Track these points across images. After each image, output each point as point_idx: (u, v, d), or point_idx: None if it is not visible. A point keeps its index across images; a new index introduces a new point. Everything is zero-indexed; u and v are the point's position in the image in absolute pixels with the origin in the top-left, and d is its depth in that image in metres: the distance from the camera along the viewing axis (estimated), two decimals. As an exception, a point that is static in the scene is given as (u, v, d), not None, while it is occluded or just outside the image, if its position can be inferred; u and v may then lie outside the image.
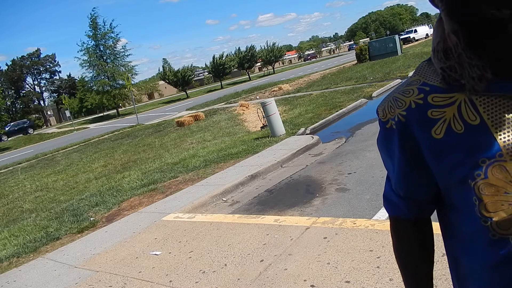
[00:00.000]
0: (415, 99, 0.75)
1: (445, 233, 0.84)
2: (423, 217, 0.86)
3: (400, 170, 0.81)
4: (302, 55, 59.21)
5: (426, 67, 0.79)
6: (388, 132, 0.82)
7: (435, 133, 0.73)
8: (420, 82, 0.77)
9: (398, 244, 0.91)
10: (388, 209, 0.89)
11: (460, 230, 0.77)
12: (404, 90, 0.78)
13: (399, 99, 0.78)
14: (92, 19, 36.50)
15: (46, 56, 63.55)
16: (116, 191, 6.80)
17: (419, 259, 0.88)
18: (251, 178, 5.86)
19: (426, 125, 0.74)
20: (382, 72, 16.01)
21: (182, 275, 3.33)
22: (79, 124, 37.31)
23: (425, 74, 0.78)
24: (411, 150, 0.77)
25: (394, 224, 0.90)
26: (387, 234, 3.18)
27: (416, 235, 0.87)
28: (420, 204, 0.83)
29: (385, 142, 0.85)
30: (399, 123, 0.78)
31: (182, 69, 42.47)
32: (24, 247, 5.00)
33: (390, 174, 0.87)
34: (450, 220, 0.80)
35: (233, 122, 12.50)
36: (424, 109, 0.74)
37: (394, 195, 0.85)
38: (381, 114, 0.83)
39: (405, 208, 0.84)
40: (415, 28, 46.15)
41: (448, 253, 0.85)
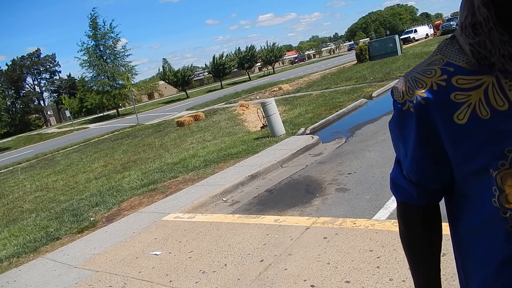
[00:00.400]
0: (437, 80, 0.69)
1: (453, 223, 0.81)
2: (432, 203, 0.83)
3: (415, 155, 0.76)
4: (288, 58, 56.42)
5: (450, 46, 0.73)
6: (404, 115, 0.75)
7: (458, 118, 0.67)
8: (443, 61, 0.71)
9: (405, 230, 0.88)
10: (396, 194, 0.86)
11: (471, 223, 0.74)
12: (425, 69, 0.72)
13: (419, 80, 0.71)
14: (92, 19, 36.57)
15: (46, 56, 63.61)
16: (116, 191, 6.81)
17: (426, 245, 0.85)
18: (251, 178, 5.86)
19: (448, 109, 0.68)
20: (382, 72, 16.01)
21: (182, 275, 3.33)
22: (79, 124, 37.32)
23: (448, 53, 0.72)
24: (428, 135, 0.72)
25: (402, 210, 0.86)
26: (387, 234, 3.18)
27: (424, 221, 0.84)
28: (432, 191, 0.80)
29: (399, 125, 0.78)
30: (418, 106, 0.71)
31: (182, 69, 42.47)
32: (24, 247, 5.00)
33: (401, 159, 0.82)
34: (461, 209, 0.77)
35: (233, 122, 12.50)
36: (447, 91, 0.68)
37: (405, 181, 0.81)
38: (397, 95, 0.76)
39: (415, 194, 0.81)
40: (415, 28, 46.12)
41: (454, 242, 0.82)
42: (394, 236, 3.13)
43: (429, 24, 51.49)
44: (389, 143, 6.39)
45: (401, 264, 2.71)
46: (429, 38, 41.96)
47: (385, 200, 4.00)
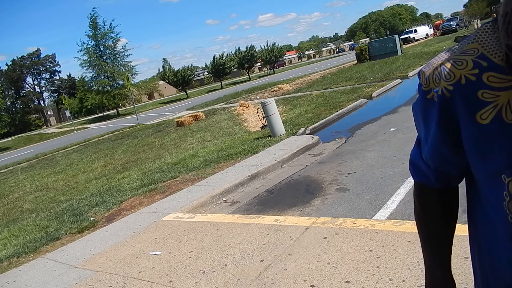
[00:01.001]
0: (467, 74, 0.65)
1: (470, 216, 0.80)
2: (450, 186, 0.82)
3: (434, 144, 0.74)
4: (266, 62, 49.52)
5: (490, 33, 0.66)
6: (428, 103, 0.72)
7: (481, 117, 0.64)
8: (477, 52, 0.65)
9: (420, 210, 0.87)
10: (414, 175, 0.85)
11: (485, 216, 0.73)
12: (456, 59, 0.67)
13: (448, 70, 0.67)
14: (92, 19, 36.55)
15: (46, 56, 63.62)
16: (116, 191, 6.80)
17: (441, 226, 0.84)
18: (251, 178, 5.86)
19: (473, 106, 0.65)
20: (382, 72, 16.01)
21: (182, 275, 3.33)
22: (79, 124, 37.32)
23: (486, 42, 0.66)
24: (449, 128, 0.70)
25: (419, 190, 0.85)
26: (387, 234, 3.18)
27: (441, 204, 0.83)
28: (450, 177, 0.79)
29: (422, 111, 0.75)
30: (442, 98, 0.68)
31: (182, 69, 42.47)
32: (24, 247, 5.00)
33: (422, 142, 0.79)
34: (478, 202, 0.76)
35: (233, 122, 12.50)
36: (475, 88, 0.64)
37: (423, 164, 0.80)
38: (424, 81, 0.72)
39: (433, 177, 0.80)
40: (415, 28, 46.15)
41: (471, 234, 0.81)
42: (394, 236, 3.13)
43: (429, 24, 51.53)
44: (389, 143, 6.42)
45: (401, 264, 2.71)
46: (429, 38, 41.96)
47: (385, 200, 4.00)
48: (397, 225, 3.32)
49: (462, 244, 2.44)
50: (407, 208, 3.67)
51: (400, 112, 8.49)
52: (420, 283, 2.43)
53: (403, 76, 13.97)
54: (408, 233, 3.10)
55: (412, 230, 3.14)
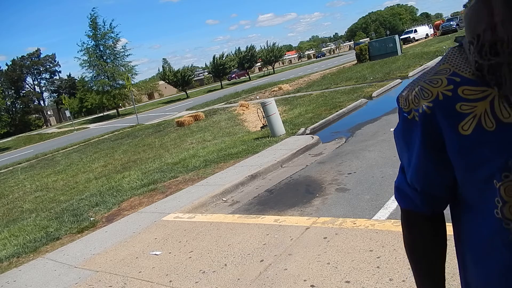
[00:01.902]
0: (443, 90, 0.69)
1: (457, 235, 0.81)
2: (437, 211, 0.82)
3: (419, 164, 0.76)
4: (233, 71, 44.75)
5: (458, 55, 0.72)
6: (410, 124, 0.75)
7: (463, 128, 0.67)
8: (449, 71, 0.70)
9: (409, 237, 0.87)
10: (401, 202, 0.86)
11: (474, 232, 0.74)
12: (431, 79, 0.72)
13: (426, 89, 0.71)
14: (92, 19, 36.53)
15: (46, 56, 63.61)
16: (116, 191, 6.80)
17: (431, 252, 0.85)
18: (251, 178, 5.86)
19: (454, 119, 0.68)
20: (382, 72, 16.01)
21: (182, 275, 3.33)
22: (79, 124, 37.32)
23: (455, 63, 0.71)
24: (433, 144, 0.72)
25: (406, 217, 0.86)
26: (387, 234, 3.18)
27: (429, 229, 0.83)
28: (436, 199, 0.80)
29: (404, 134, 0.78)
30: (423, 115, 0.71)
31: (182, 69, 42.46)
32: (24, 247, 5.00)
33: (405, 167, 0.82)
34: (465, 220, 0.77)
35: (233, 122, 12.50)
36: (452, 102, 0.68)
37: (409, 188, 0.81)
38: (403, 104, 0.76)
39: (419, 202, 0.81)
40: (415, 28, 46.13)
41: (458, 255, 0.82)
42: (394, 236, 3.13)
43: (429, 24, 51.49)
44: (389, 143, 6.41)
45: (401, 264, 2.71)
46: (429, 38, 41.95)
47: (385, 200, 4.00)
48: (397, 225, 3.32)
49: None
50: (407, 208, 3.67)
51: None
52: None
53: (403, 76, 13.97)
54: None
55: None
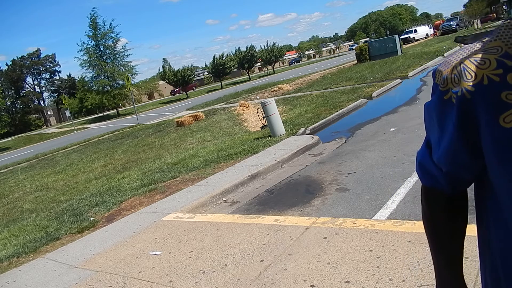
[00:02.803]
0: (490, 73, 0.61)
1: (480, 220, 0.77)
2: (459, 190, 0.79)
3: (449, 147, 0.70)
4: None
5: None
6: (445, 104, 0.68)
7: (504, 121, 0.60)
8: (501, 51, 0.62)
9: (429, 214, 0.83)
10: (423, 178, 0.81)
11: (500, 224, 0.70)
12: (478, 57, 0.63)
13: (469, 69, 0.63)
14: (92, 19, 36.55)
15: (46, 56, 63.62)
16: (116, 191, 6.80)
17: (451, 231, 0.82)
18: (251, 178, 5.86)
19: (496, 109, 0.61)
20: (382, 72, 16.01)
21: (182, 275, 3.33)
22: (79, 124, 37.32)
23: (511, 40, 0.62)
24: (468, 131, 0.66)
25: (428, 194, 0.81)
26: (387, 234, 3.18)
27: (450, 207, 0.80)
28: (461, 181, 0.75)
29: (437, 112, 0.71)
30: (462, 99, 0.64)
31: (182, 69, 42.47)
32: (24, 247, 5.00)
33: (433, 145, 0.75)
34: (491, 209, 0.72)
35: (233, 122, 12.50)
36: (498, 88, 0.60)
37: (434, 167, 0.76)
38: (440, 80, 0.68)
39: (444, 181, 0.76)
40: (415, 28, 46.14)
41: (480, 238, 0.78)
42: (394, 236, 3.13)
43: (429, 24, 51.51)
44: (389, 143, 6.40)
45: (401, 264, 2.71)
46: (429, 38, 41.95)
47: (385, 200, 4.00)
48: (397, 225, 3.32)
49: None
50: (407, 208, 3.67)
51: (400, 112, 8.49)
52: (420, 283, 2.43)
53: (403, 76, 13.96)
54: (408, 233, 3.10)
55: (412, 230, 3.14)
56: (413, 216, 3.43)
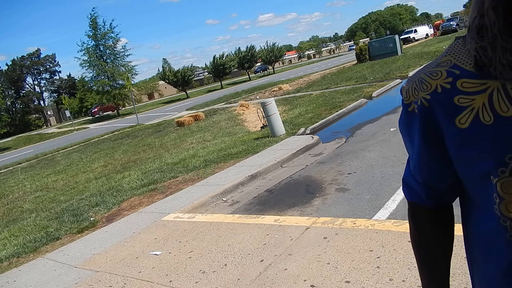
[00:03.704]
0: (442, 83, 0.68)
1: (465, 230, 0.79)
2: (443, 204, 0.81)
3: (420, 156, 0.76)
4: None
5: (461, 47, 0.71)
6: (410, 116, 0.75)
7: (460, 122, 0.66)
8: (450, 63, 0.70)
9: (415, 231, 0.86)
10: (406, 194, 0.85)
11: (478, 228, 0.73)
12: (431, 71, 0.71)
13: (425, 81, 0.71)
14: (92, 19, 36.46)
15: (46, 56, 63.56)
16: (116, 191, 6.80)
17: (436, 246, 0.84)
18: (251, 178, 5.85)
19: (451, 112, 0.67)
20: (382, 72, 16.01)
21: (182, 275, 3.33)
22: (79, 124, 37.31)
23: (457, 54, 0.70)
24: (432, 137, 0.72)
25: (412, 210, 0.85)
26: (387, 234, 3.18)
27: (434, 222, 0.82)
28: (440, 192, 0.78)
29: (406, 125, 0.78)
30: (421, 108, 0.71)
31: (182, 69, 42.44)
32: (24, 247, 5.00)
33: (410, 158, 0.81)
34: (469, 215, 0.76)
35: (233, 122, 12.50)
36: (450, 94, 0.67)
37: (414, 181, 0.80)
38: (404, 96, 0.76)
39: (423, 194, 0.80)
40: (415, 28, 46.13)
41: (466, 250, 0.81)
42: (394, 236, 3.13)
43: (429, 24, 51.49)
44: (389, 143, 6.40)
45: (401, 264, 2.71)
46: (429, 38, 41.95)
47: (385, 200, 4.00)
48: (397, 225, 3.32)
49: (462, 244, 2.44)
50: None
51: (400, 112, 8.47)
52: (420, 283, 2.43)
53: (403, 76, 13.96)
54: (408, 233, 3.10)
55: (412, 230, 3.14)
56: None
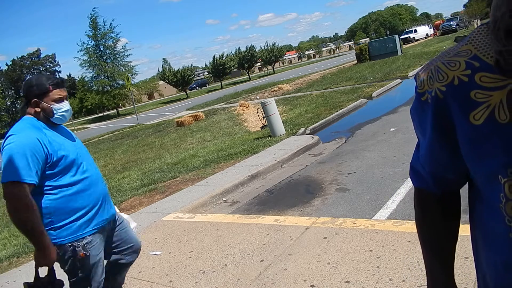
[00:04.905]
0: (459, 74, 0.65)
1: (472, 219, 0.78)
2: (450, 191, 0.80)
3: (430, 146, 0.74)
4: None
5: (484, 36, 0.66)
6: (423, 106, 0.72)
7: (474, 118, 0.64)
8: (470, 53, 0.66)
9: (421, 216, 0.85)
10: (414, 180, 0.83)
11: (484, 221, 0.72)
12: (449, 60, 0.67)
13: (441, 71, 0.67)
14: (92, 19, 36.50)
15: (46, 56, 63.63)
16: (116, 191, 6.80)
17: (442, 232, 0.82)
18: (251, 178, 5.85)
19: (466, 107, 0.64)
20: (382, 72, 16.01)
21: (182, 275, 3.33)
22: (79, 124, 37.31)
23: (479, 44, 0.66)
24: (444, 129, 0.69)
25: (419, 196, 0.84)
26: (387, 234, 3.18)
27: (441, 209, 0.81)
28: (447, 181, 0.77)
29: (418, 113, 0.75)
30: (435, 99, 0.68)
31: (182, 69, 42.46)
32: (24, 247, 5.00)
33: (420, 145, 0.79)
34: (476, 206, 0.74)
35: (233, 122, 12.50)
36: (467, 88, 0.64)
37: (422, 168, 0.78)
38: (419, 83, 0.73)
39: (431, 182, 0.78)
40: (415, 28, 46.17)
41: (472, 238, 0.80)
42: (394, 236, 3.13)
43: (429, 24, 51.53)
44: (389, 143, 6.41)
45: (401, 264, 2.71)
46: (429, 38, 41.96)
47: (385, 200, 4.00)
48: (397, 225, 3.32)
49: (462, 244, 2.44)
50: (407, 208, 3.67)
51: (400, 112, 8.50)
52: (420, 283, 2.43)
53: (403, 76, 13.97)
54: (408, 233, 3.10)
55: (412, 230, 3.14)
56: (413, 216, 3.43)
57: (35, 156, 1.87)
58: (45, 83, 2.02)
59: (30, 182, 1.85)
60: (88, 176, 2.11)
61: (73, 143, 2.16)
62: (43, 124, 2.03)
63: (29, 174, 1.85)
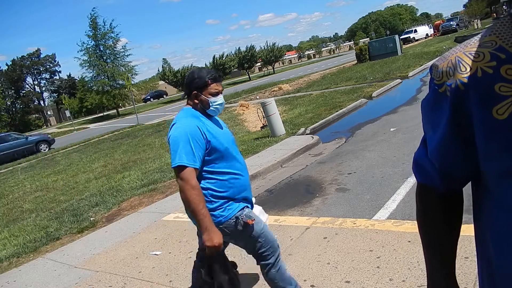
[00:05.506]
0: (484, 66, 0.61)
1: (477, 215, 0.76)
2: (454, 189, 0.78)
3: (442, 143, 0.70)
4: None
5: (508, 26, 0.63)
6: (439, 97, 0.68)
7: (497, 112, 0.60)
8: (495, 45, 0.62)
9: (423, 212, 0.83)
10: (418, 175, 0.81)
11: (493, 220, 0.70)
12: (473, 51, 0.63)
13: (464, 62, 0.63)
14: (92, 19, 36.47)
15: (46, 56, 63.58)
16: (116, 191, 6.80)
17: (444, 231, 0.80)
18: (251, 178, 5.81)
19: (489, 100, 0.61)
20: (382, 72, 16.01)
21: (182, 275, 3.33)
22: (79, 124, 37.32)
23: (504, 35, 0.62)
24: (461, 124, 0.66)
25: (422, 192, 0.81)
26: (387, 234, 3.18)
27: (444, 207, 0.79)
28: (454, 178, 0.75)
29: (432, 106, 0.71)
30: (456, 91, 0.64)
31: (182, 69, 42.46)
32: (24, 247, 5.00)
33: (428, 141, 0.76)
34: (485, 205, 0.72)
35: (233, 122, 12.50)
36: (492, 80, 0.60)
37: (428, 163, 0.75)
38: (436, 74, 0.68)
39: (437, 179, 0.75)
40: (415, 28, 46.17)
41: (476, 235, 0.78)
42: (394, 236, 3.13)
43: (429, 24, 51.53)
44: (389, 143, 6.40)
45: (401, 264, 2.71)
46: (429, 38, 41.97)
47: (385, 200, 4.00)
48: (397, 225, 3.32)
49: (462, 244, 2.44)
50: (407, 208, 3.67)
51: (400, 112, 8.49)
52: (420, 283, 2.43)
53: (403, 76, 13.97)
54: (408, 233, 3.10)
55: (412, 230, 3.14)
56: (413, 216, 3.42)
57: (197, 142, 2.05)
58: (205, 77, 2.16)
59: (193, 166, 2.04)
60: (239, 163, 2.30)
61: (224, 132, 2.37)
62: (200, 114, 2.20)
63: (193, 159, 2.04)
